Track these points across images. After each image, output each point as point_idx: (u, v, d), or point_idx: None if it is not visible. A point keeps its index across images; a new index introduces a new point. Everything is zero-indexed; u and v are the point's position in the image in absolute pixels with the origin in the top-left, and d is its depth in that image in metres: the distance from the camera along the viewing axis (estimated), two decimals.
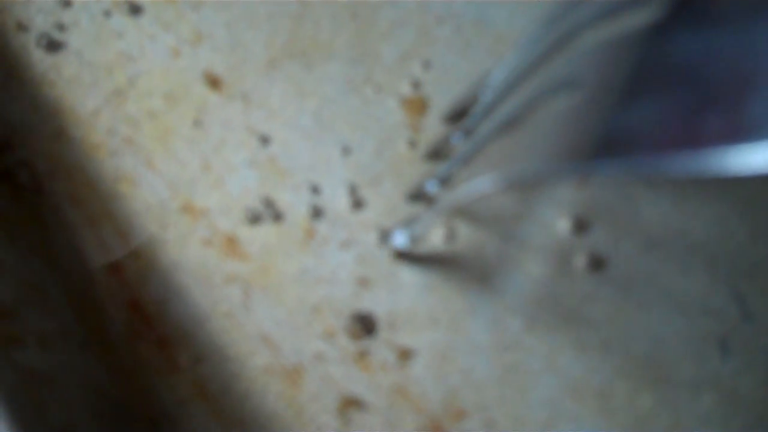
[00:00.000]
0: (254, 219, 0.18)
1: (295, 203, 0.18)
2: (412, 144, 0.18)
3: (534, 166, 0.12)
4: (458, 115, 0.18)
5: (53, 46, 0.19)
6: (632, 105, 0.11)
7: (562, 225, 0.18)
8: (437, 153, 0.18)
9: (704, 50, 0.10)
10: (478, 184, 0.14)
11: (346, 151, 0.18)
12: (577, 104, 0.12)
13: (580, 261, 0.18)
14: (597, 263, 0.18)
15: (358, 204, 0.18)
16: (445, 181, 0.17)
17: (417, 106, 0.19)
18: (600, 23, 0.12)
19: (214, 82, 0.19)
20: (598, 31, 0.12)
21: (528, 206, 0.18)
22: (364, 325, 0.18)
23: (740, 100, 0.09)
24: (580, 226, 0.18)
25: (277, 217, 0.18)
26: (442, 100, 0.19)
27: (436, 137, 0.18)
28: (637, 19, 0.11)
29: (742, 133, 0.09)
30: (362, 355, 0.17)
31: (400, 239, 0.17)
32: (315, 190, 0.18)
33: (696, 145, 0.09)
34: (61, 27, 0.19)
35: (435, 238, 0.18)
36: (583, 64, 0.12)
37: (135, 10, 0.19)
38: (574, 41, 0.13)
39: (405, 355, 0.17)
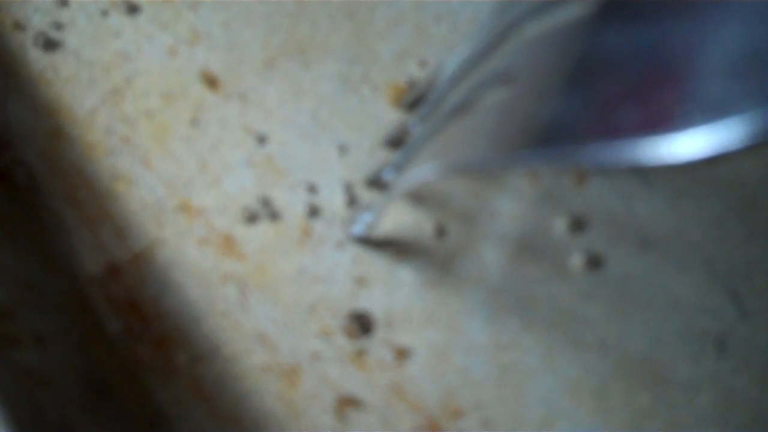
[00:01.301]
0: (251, 218, 0.18)
1: (292, 202, 0.18)
2: None
3: (470, 156, 0.13)
4: (415, 103, 0.18)
5: (50, 45, 0.19)
6: (563, 97, 0.11)
7: (559, 224, 0.18)
8: (397, 140, 0.18)
9: (628, 44, 0.10)
10: (420, 172, 0.14)
11: (343, 149, 0.18)
12: (514, 96, 0.12)
13: (576, 260, 0.18)
14: (594, 262, 0.18)
15: (354, 203, 0.18)
16: (400, 168, 0.17)
17: None
18: (539, 16, 0.13)
19: (211, 82, 0.19)
20: (539, 23, 0.13)
21: (524, 205, 0.18)
22: (361, 325, 0.18)
23: (655, 93, 0.09)
24: (577, 225, 0.18)
25: (274, 216, 0.18)
26: None
27: (395, 125, 0.18)
28: (573, 12, 0.11)
29: (654, 126, 0.09)
30: (359, 355, 0.17)
31: (357, 226, 0.18)
32: (312, 189, 0.18)
33: (613, 137, 0.09)
34: (58, 26, 0.19)
35: (424, 234, 0.18)
36: (519, 56, 0.13)
37: (132, 9, 0.19)
38: (515, 34, 0.13)
39: (402, 354, 0.17)
